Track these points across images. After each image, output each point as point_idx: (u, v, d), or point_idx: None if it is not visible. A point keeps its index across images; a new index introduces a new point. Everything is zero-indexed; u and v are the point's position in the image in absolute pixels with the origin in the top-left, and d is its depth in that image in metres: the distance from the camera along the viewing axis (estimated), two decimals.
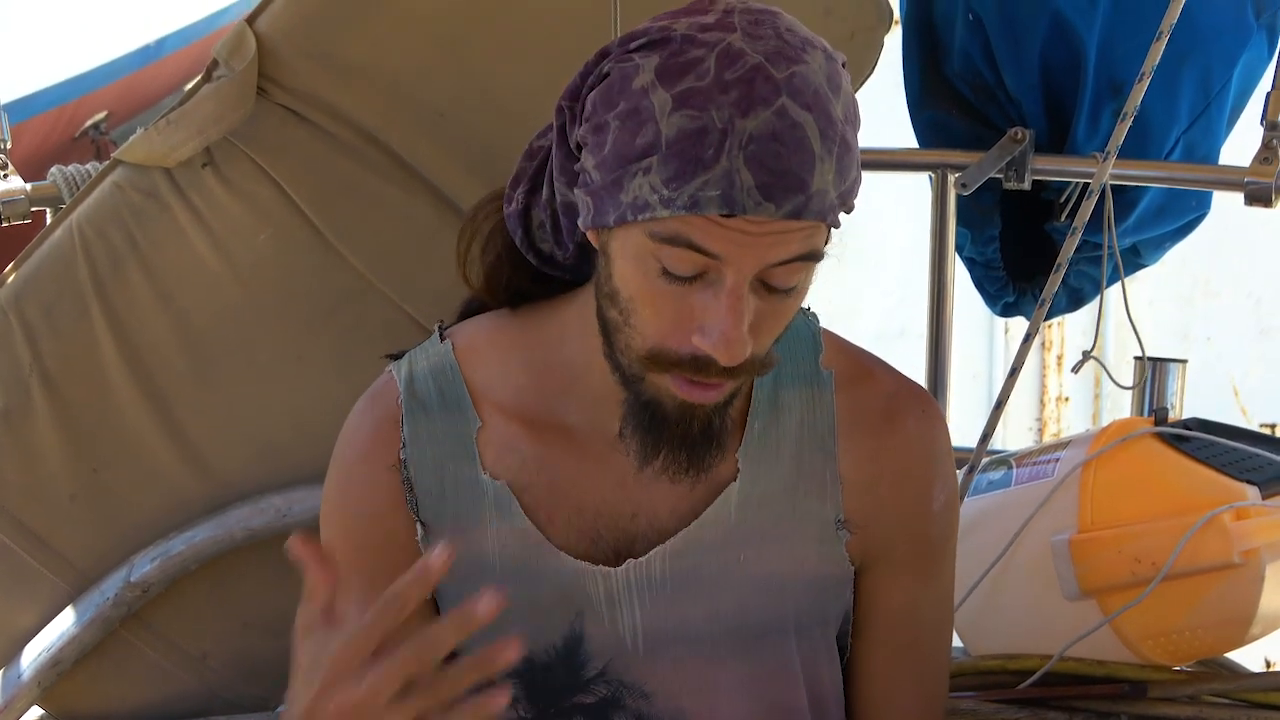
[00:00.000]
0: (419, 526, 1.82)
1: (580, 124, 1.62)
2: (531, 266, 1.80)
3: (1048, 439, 3.84)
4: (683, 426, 1.64)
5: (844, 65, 1.60)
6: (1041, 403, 5.74)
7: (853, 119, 1.58)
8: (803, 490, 1.81)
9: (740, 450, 1.79)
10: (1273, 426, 5.22)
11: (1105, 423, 2.52)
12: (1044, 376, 5.65)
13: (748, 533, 1.79)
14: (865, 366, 1.87)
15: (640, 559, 1.78)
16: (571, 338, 1.74)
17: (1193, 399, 2.72)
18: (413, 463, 1.81)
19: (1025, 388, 5.67)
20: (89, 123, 8.81)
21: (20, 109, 7.67)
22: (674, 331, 1.57)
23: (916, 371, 2.73)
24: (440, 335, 1.86)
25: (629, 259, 1.58)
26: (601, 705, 1.83)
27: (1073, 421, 5.76)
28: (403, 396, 1.82)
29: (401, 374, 1.84)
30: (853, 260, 5.27)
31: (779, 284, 1.57)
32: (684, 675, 1.82)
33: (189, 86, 2.33)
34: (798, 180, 1.50)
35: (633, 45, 1.57)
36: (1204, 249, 5.32)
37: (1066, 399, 5.74)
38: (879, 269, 5.53)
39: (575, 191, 1.64)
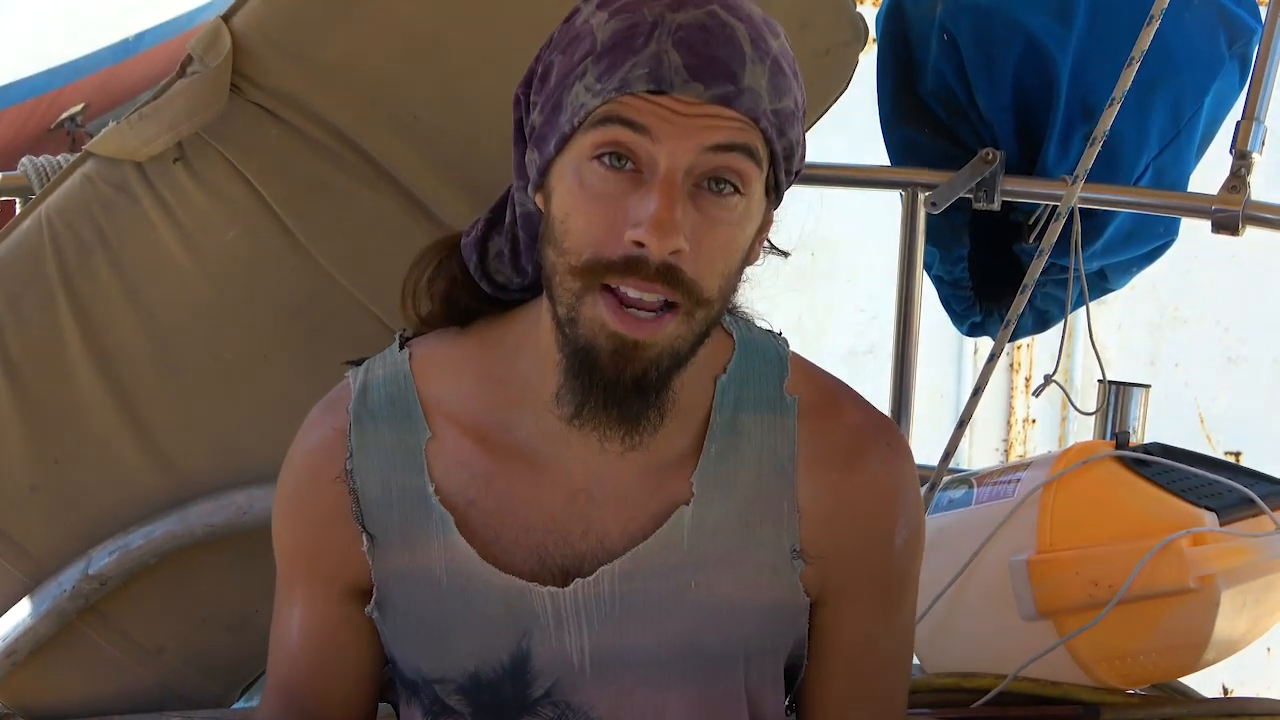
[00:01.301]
0: (365, 537, 1.81)
1: (531, 93, 1.66)
2: (482, 290, 1.81)
3: (1013, 460, 3.86)
4: (614, 372, 1.61)
5: (789, 41, 1.66)
6: (1009, 424, 5.76)
7: (790, 65, 1.64)
8: (758, 517, 1.79)
9: (695, 473, 1.77)
10: (1237, 454, 5.23)
11: (1071, 445, 2.52)
12: (1011, 398, 5.67)
13: (700, 557, 1.77)
14: (832, 395, 1.85)
15: (588, 578, 1.76)
16: (525, 348, 1.73)
17: (1159, 425, 2.72)
18: (359, 473, 1.81)
19: (992, 409, 5.69)
20: (65, 114, 8.77)
21: None
22: (608, 235, 1.57)
23: (883, 388, 2.74)
24: (400, 344, 1.86)
25: (566, 180, 1.60)
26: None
27: (1039, 443, 5.78)
28: (353, 406, 1.82)
29: (357, 383, 1.83)
30: (824, 278, 5.31)
31: (713, 187, 1.57)
32: (631, 701, 1.81)
33: (163, 82, 2.32)
34: (725, 68, 1.54)
35: (579, 2, 1.64)
36: (1174, 276, 5.35)
37: (1033, 421, 5.76)
38: (850, 287, 5.54)
39: (527, 158, 1.66)
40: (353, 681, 1.89)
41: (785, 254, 1.79)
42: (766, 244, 1.74)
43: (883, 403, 2.73)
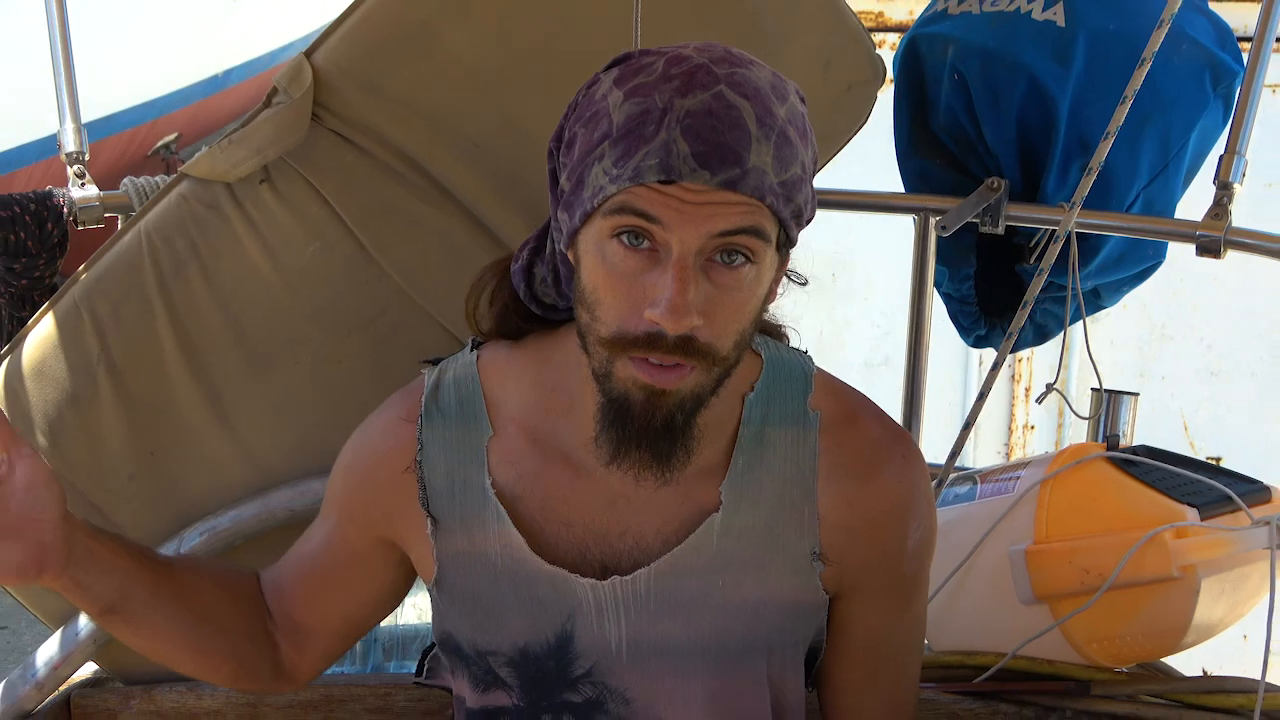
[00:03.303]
0: (429, 521, 1.82)
1: (560, 153, 1.64)
2: (533, 311, 1.82)
3: (1014, 460, 3.87)
4: (646, 419, 1.61)
5: (800, 95, 1.62)
6: (1010, 430, 5.74)
7: (799, 127, 1.58)
8: (782, 524, 1.79)
9: (724, 483, 1.77)
10: (1218, 459, 5.21)
11: (1066, 447, 2.52)
12: (1013, 406, 5.65)
13: (727, 559, 1.77)
14: (852, 410, 1.84)
15: (626, 576, 1.77)
16: (571, 364, 1.72)
17: (1147, 432, 2.72)
18: (427, 464, 1.82)
19: (995, 416, 5.67)
20: (160, 143, 8.82)
21: (101, 128, 7.70)
22: (630, 313, 1.56)
23: (897, 396, 2.74)
24: (472, 347, 1.87)
25: (591, 253, 1.59)
26: (587, 706, 1.83)
27: (1037, 447, 5.76)
28: (425, 402, 1.83)
29: (430, 380, 1.85)
30: (843, 296, 5.30)
31: (725, 259, 1.55)
32: (662, 686, 1.82)
33: (251, 112, 2.34)
34: (733, 153, 1.50)
35: (602, 70, 1.62)
36: (1162, 297, 5.33)
37: (1033, 427, 5.74)
38: (867, 303, 5.53)
39: (558, 216, 1.66)
40: (320, 602, 1.95)
41: (804, 282, 1.77)
42: (786, 276, 1.74)
43: (896, 408, 2.73)
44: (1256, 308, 5.34)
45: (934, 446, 2.83)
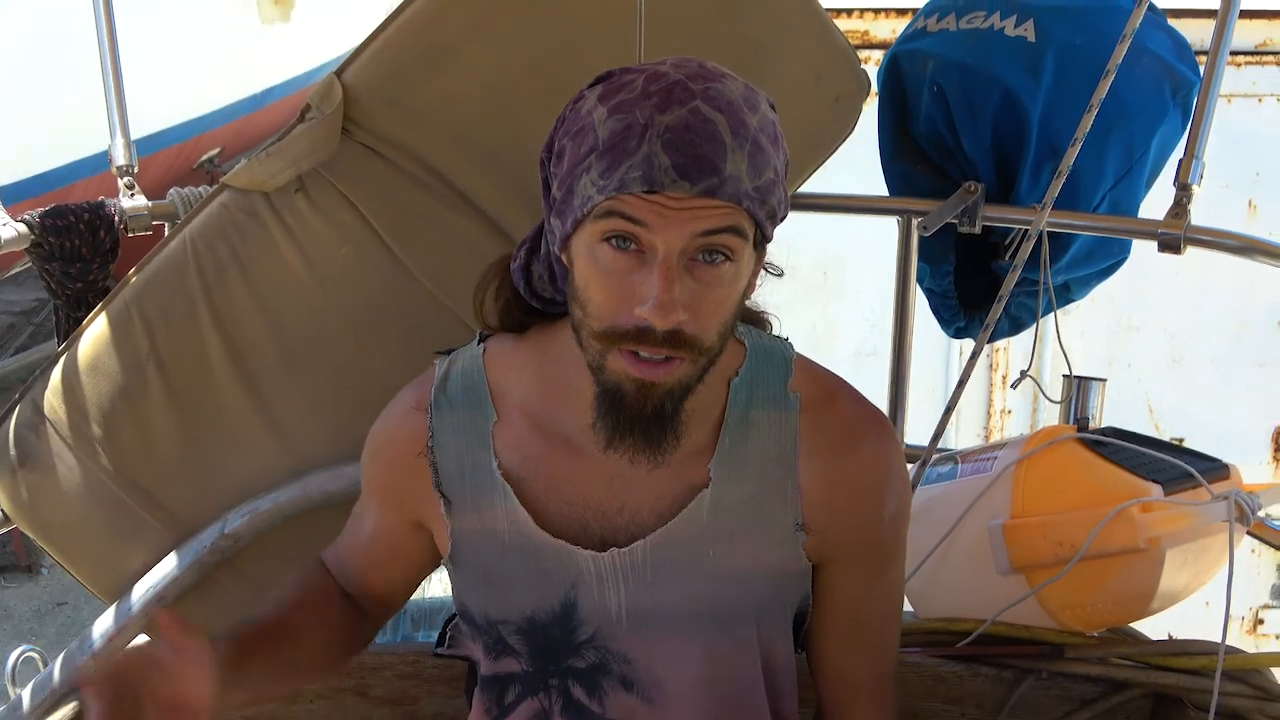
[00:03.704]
0: (443, 501, 1.83)
1: (551, 163, 1.65)
2: (533, 306, 1.82)
3: (992, 441, 3.86)
4: (638, 408, 1.62)
5: (770, 104, 1.62)
6: (989, 414, 5.72)
7: (770, 134, 1.58)
8: (766, 498, 1.79)
9: (713, 461, 1.77)
10: (1181, 439, 5.20)
11: (1040, 429, 2.51)
12: (991, 392, 5.63)
13: (717, 531, 1.77)
14: (830, 391, 1.83)
15: (623, 549, 1.77)
16: (571, 358, 1.71)
17: (1115, 416, 2.70)
18: (438, 449, 1.83)
19: (974, 401, 5.65)
20: (204, 157, 8.82)
21: (149, 144, 7.70)
22: (620, 308, 1.57)
23: (883, 383, 2.74)
24: (479, 340, 1.88)
25: (583, 255, 1.60)
26: (591, 670, 1.84)
27: (1014, 430, 5.74)
28: (434, 392, 1.85)
29: (440, 371, 1.86)
30: (834, 292, 5.29)
31: (706, 258, 1.56)
32: (660, 649, 1.82)
33: (287, 126, 2.34)
34: (710, 164, 1.51)
35: (586, 86, 1.62)
36: (1128, 290, 5.31)
37: (1009, 411, 5.72)
38: (856, 299, 5.51)
39: (551, 222, 1.66)
40: (387, 577, 1.97)
41: (780, 273, 1.76)
42: (764, 269, 1.73)
43: (882, 394, 2.73)
44: (1215, 300, 5.32)
45: (918, 429, 2.83)
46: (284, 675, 1.88)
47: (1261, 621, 5.53)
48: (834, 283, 5.49)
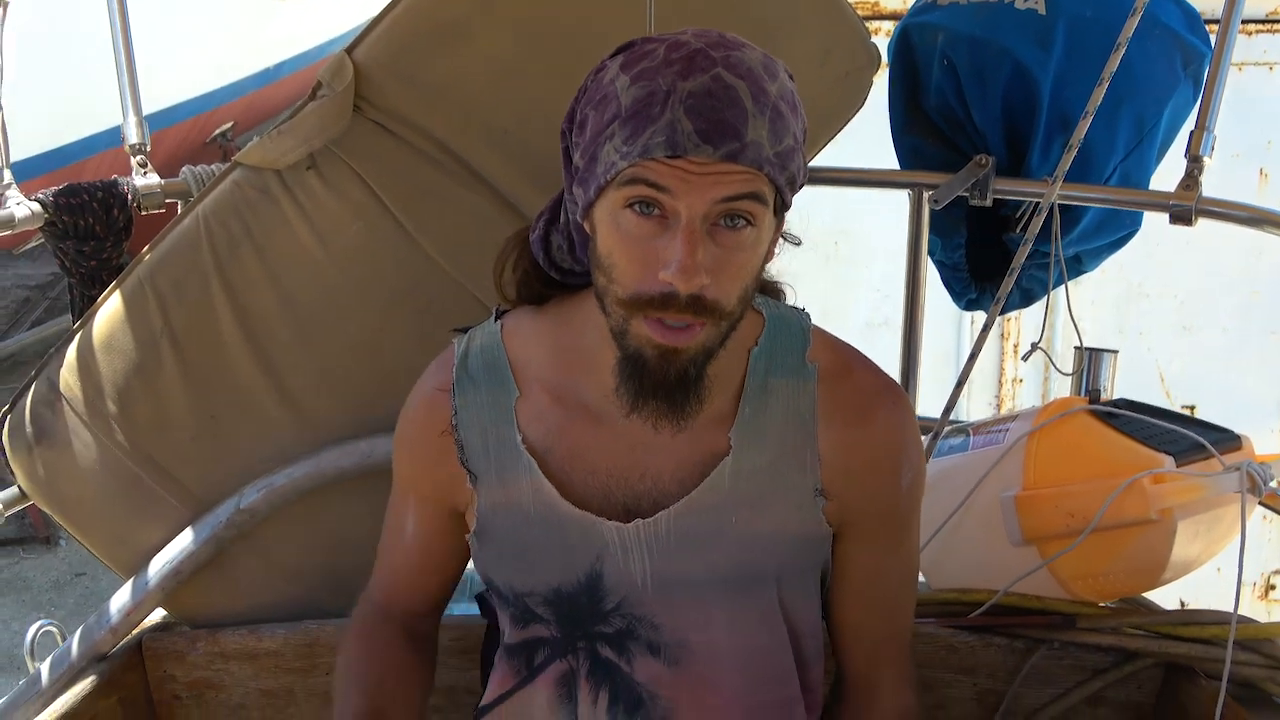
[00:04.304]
0: (469, 477, 1.83)
1: (572, 134, 1.65)
2: (552, 277, 1.82)
3: (1004, 413, 3.86)
4: (661, 373, 1.63)
5: (788, 73, 1.61)
6: (1000, 384, 5.71)
7: (789, 101, 1.58)
8: (786, 464, 1.79)
9: (733, 429, 1.77)
10: (1192, 407, 5.19)
11: (1052, 401, 2.51)
12: (1002, 362, 5.62)
13: (739, 498, 1.78)
14: (847, 362, 1.84)
15: (648, 519, 1.77)
16: (590, 326, 1.72)
17: (1126, 382, 2.70)
18: (462, 427, 1.83)
19: (986, 372, 5.64)
20: (217, 131, 8.82)
21: (162, 118, 7.70)
22: (644, 275, 1.57)
23: (895, 354, 2.73)
24: (496, 316, 1.88)
25: (606, 222, 1.60)
26: (619, 635, 1.84)
27: (1025, 400, 5.74)
28: (455, 370, 1.85)
29: (459, 349, 1.86)
30: (846, 262, 5.28)
31: (728, 223, 1.56)
32: (686, 613, 1.82)
33: (298, 104, 2.33)
34: (732, 129, 1.51)
35: (608, 57, 1.62)
36: (1138, 258, 5.29)
37: (1021, 380, 5.71)
38: (868, 269, 5.50)
39: (573, 191, 1.66)
40: (441, 576, 1.97)
41: (798, 242, 1.77)
42: (782, 237, 1.73)
43: (894, 364, 2.72)
44: (1225, 268, 5.31)
45: (929, 401, 2.82)
46: None
47: (1273, 587, 5.54)
48: (845, 252, 5.48)
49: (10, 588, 6.43)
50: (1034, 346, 2.74)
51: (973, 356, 2.43)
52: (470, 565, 1.96)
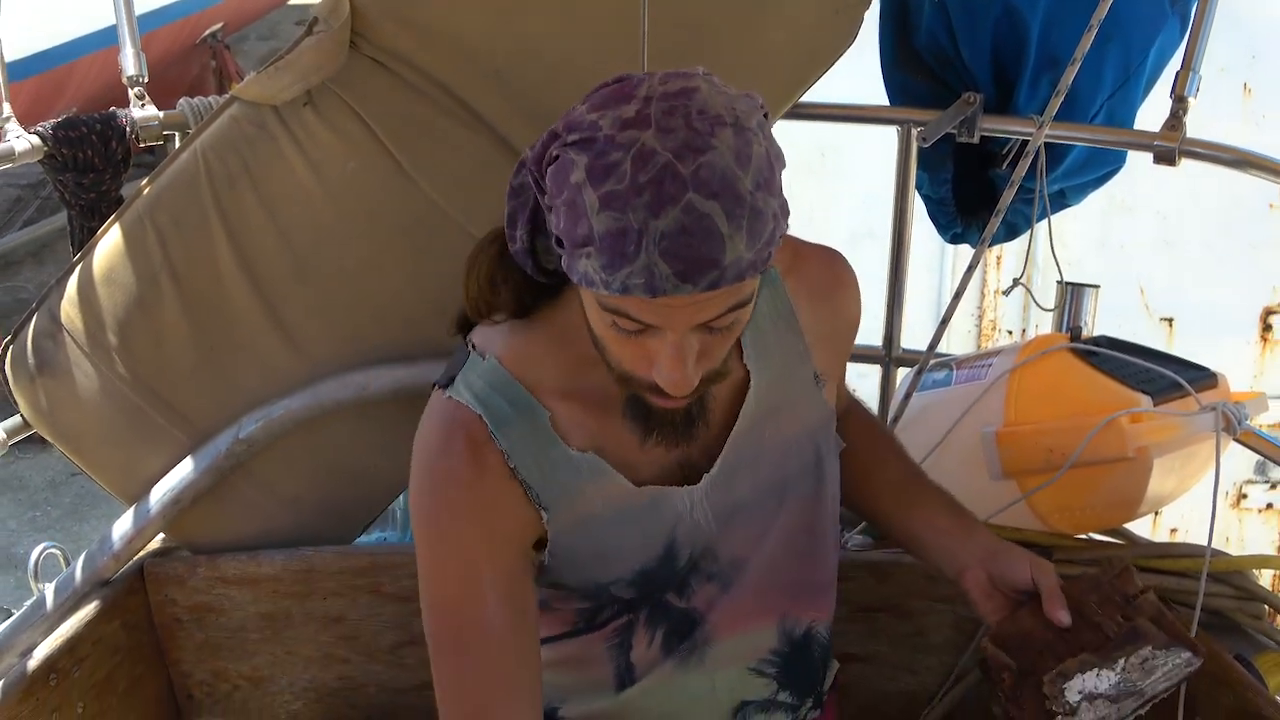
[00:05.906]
0: (542, 512, 1.75)
1: (544, 194, 1.57)
2: (544, 285, 1.76)
3: (986, 349, 3.88)
4: (666, 415, 1.67)
5: (760, 123, 1.51)
6: (981, 311, 5.72)
7: (765, 180, 1.48)
8: (790, 366, 1.85)
9: (745, 357, 1.81)
10: (1171, 319, 5.21)
11: (1032, 338, 2.53)
12: (983, 289, 5.63)
13: (765, 413, 1.83)
14: (795, 250, 1.89)
15: (713, 472, 1.81)
16: (581, 331, 1.67)
17: (1107, 296, 2.72)
18: (521, 467, 1.73)
19: (968, 300, 5.66)
20: (207, 32, 8.76)
21: (152, 20, 7.64)
22: (637, 364, 1.57)
23: (881, 264, 2.75)
24: (480, 355, 1.79)
25: (592, 308, 1.57)
26: (684, 581, 1.87)
27: (1005, 328, 5.76)
28: (488, 421, 1.73)
29: (467, 398, 1.75)
30: (831, 173, 5.23)
31: (717, 326, 1.54)
32: (742, 534, 1.86)
33: (295, 39, 2.32)
34: (710, 261, 1.44)
35: (569, 139, 1.50)
36: (1121, 174, 5.29)
37: (1001, 306, 5.73)
38: (852, 180, 5.49)
39: (552, 243, 1.59)
40: (530, 623, 1.77)
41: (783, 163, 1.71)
42: None
43: (880, 277, 2.75)
44: (1207, 182, 5.30)
45: (913, 335, 2.85)
46: None
47: (1245, 496, 5.58)
48: (831, 165, 5.47)
49: (7, 486, 6.47)
50: (1015, 282, 2.77)
51: (958, 294, 2.44)
52: None
